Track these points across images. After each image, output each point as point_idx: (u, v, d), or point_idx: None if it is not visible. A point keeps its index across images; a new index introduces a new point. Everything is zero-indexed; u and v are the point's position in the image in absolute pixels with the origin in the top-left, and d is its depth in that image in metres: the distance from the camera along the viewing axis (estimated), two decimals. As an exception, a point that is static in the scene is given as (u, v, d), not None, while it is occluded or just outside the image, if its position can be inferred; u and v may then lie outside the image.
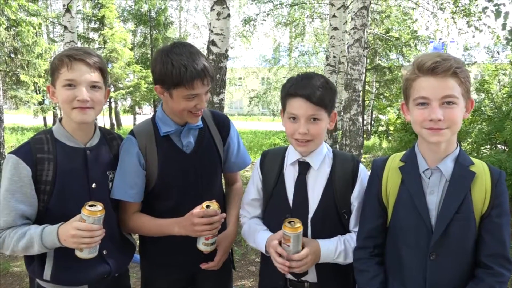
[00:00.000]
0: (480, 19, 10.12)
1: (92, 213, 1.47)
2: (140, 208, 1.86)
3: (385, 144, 14.49)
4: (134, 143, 1.78)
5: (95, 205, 1.50)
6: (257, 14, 14.22)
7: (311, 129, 1.60)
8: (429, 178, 1.47)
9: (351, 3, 9.51)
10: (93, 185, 1.70)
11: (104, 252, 1.71)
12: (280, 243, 1.58)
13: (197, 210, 1.64)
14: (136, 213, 1.83)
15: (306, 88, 1.58)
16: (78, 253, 1.52)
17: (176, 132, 1.80)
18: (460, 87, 1.36)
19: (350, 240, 1.66)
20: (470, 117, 7.66)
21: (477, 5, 10.23)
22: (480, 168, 1.45)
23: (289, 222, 1.54)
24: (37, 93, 15.86)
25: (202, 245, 1.70)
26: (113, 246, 1.76)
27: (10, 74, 13.77)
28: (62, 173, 1.63)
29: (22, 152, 1.61)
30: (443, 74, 1.34)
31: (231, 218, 1.95)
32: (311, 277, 1.67)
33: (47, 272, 1.63)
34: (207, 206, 1.64)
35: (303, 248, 1.56)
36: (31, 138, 1.68)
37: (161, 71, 1.65)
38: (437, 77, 1.34)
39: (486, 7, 5.66)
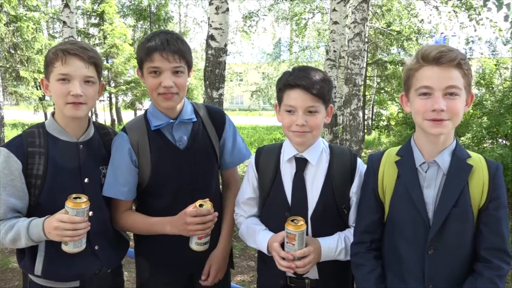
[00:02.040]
0: (480, 14, 10.05)
1: (75, 205, 1.46)
2: (131, 206, 1.84)
3: (384, 139, 14.45)
4: (125, 140, 1.76)
5: (79, 197, 1.49)
6: (258, 10, 14.16)
7: (309, 121, 1.59)
8: (425, 172, 1.45)
9: (351, -3, 9.45)
10: (86, 180, 1.69)
11: (96, 247, 1.70)
12: (282, 245, 1.56)
13: (189, 209, 1.62)
14: (128, 211, 1.81)
15: (305, 79, 1.57)
16: (63, 247, 1.51)
17: (168, 126, 1.77)
18: (464, 79, 1.35)
19: (350, 236, 1.64)
20: (471, 110, 7.62)
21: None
22: (477, 161, 1.44)
23: (292, 220, 1.52)
24: (37, 89, 15.83)
25: (195, 245, 1.68)
26: (106, 242, 1.75)
27: (10, 70, 13.74)
28: (53, 168, 1.62)
29: (13, 145, 1.61)
30: (447, 64, 1.32)
31: (222, 232, 1.91)
32: (312, 273, 1.66)
33: (38, 268, 1.63)
34: (200, 205, 1.62)
35: (306, 246, 1.55)
36: (23, 131, 1.68)
37: (136, 53, 1.73)
38: (442, 66, 1.33)
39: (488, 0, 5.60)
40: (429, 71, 1.35)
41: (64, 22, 6.85)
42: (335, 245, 1.61)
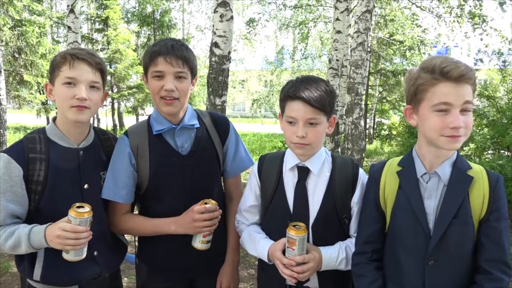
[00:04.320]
0: (484, 22, 10.05)
1: (78, 215, 1.46)
2: (129, 209, 1.85)
3: (386, 148, 14.44)
4: (126, 143, 1.77)
5: (82, 207, 1.49)
6: (259, 13, 14.25)
7: (309, 133, 1.58)
8: (427, 183, 1.46)
9: (354, 7, 9.50)
10: (86, 186, 1.69)
11: (95, 252, 1.70)
12: (283, 252, 1.56)
13: (197, 206, 1.65)
14: (127, 214, 1.82)
15: (306, 91, 1.56)
16: (64, 255, 1.52)
17: (170, 131, 1.78)
18: (473, 94, 1.36)
19: (351, 246, 1.64)
20: (474, 121, 7.62)
21: (480, 9, 10.19)
22: (478, 172, 1.44)
23: (294, 226, 1.53)
24: (40, 93, 15.89)
25: (199, 243, 1.69)
26: (104, 246, 1.75)
27: (13, 74, 13.80)
28: (54, 173, 1.62)
29: (14, 151, 1.61)
30: (465, 81, 1.33)
31: (229, 246, 1.94)
32: (313, 282, 1.65)
33: (37, 272, 1.62)
34: (205, 204, 1.65)
35: (307, 253, 1.55)
36: (24, 137, 1.68)
37: (142, 59, 1.76)
38: (460, 83, 1.32)
39: (504, 2, 5.56)
40: (448, 88, 1.33)
41: (69, 27, 6.89)
42: (336, 255, 1.60)
